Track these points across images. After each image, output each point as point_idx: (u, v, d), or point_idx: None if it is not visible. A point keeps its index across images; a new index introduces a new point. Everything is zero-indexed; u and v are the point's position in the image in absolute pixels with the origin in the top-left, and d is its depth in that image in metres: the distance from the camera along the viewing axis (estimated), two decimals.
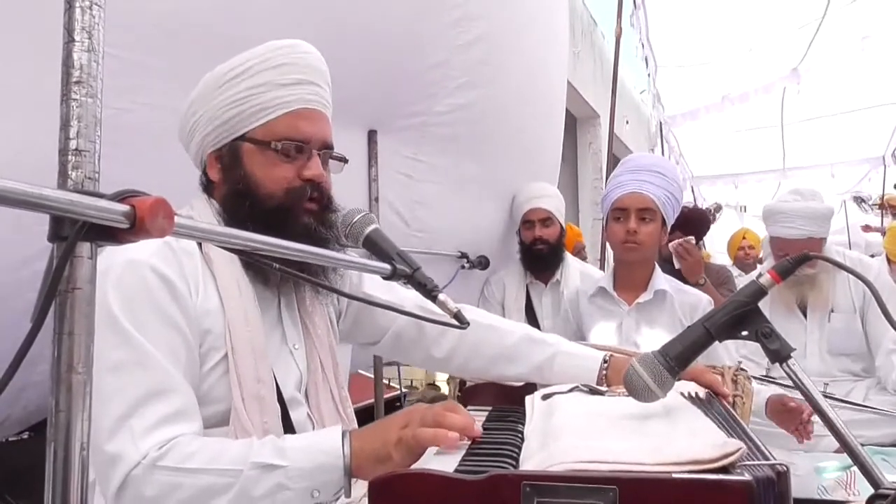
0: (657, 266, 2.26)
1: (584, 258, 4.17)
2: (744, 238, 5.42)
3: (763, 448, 0.89)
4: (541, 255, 3.19)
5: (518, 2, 3.07)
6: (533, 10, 3.22)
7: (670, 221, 2.21)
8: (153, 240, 1.05)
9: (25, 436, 2.13)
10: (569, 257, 3.32)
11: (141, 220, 0.66)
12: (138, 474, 0.98)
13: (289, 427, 1.19)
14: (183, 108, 1.26)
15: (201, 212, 1.23)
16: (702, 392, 1.22)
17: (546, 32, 3.41)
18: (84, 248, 0.67)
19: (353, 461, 1.01)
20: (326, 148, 1.26)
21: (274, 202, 1.20)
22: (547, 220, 3.20)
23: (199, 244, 1.17)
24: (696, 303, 2.18)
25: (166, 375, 1.04)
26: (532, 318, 3.19)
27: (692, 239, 3.29)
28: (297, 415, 1.22)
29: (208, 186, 1.27)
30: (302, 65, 1.23)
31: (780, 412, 2.11)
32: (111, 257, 1.06)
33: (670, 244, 3.15)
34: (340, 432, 1.04)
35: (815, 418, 2.26)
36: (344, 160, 1.30)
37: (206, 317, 1.13)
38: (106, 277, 1.03)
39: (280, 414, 1.17)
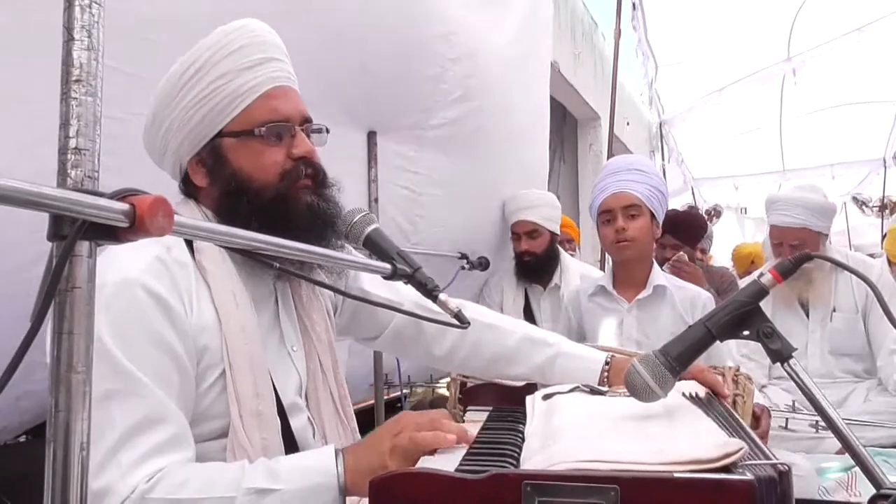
0: (655, 263, 2.27)
1: (569, 253, 4.12)
2: (752, 262, 5.16)
3: (764, 448, 0.88)
4: (529, 266, 3.19)
5: (501, 19, 3.10)
6: (518, 22, 3.24)
7: (660, 215, 2.23)
8: (144, 255, 1.04)
9: (23, 439, 2.13)
10: (567, 260, 3.31)
11: (140, 218, 0.66)
12: None
13: (289, 437, 1.16)
14: (145, 124, 1.19)
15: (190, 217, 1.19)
16: (702, 392, 1.22)
17: (532, 43, 3.46)
18: (83, 246, 0.67)
19: (347, 478, 0.99)
20: (307, 122, 1.22)
21: (271, 191, 1.16)
22: (533, 231, 3.17)
23: (192, 253, 1.13)
24: (696, 297, 2.20)
25: (157, 403, 1.00)
26: (531, 322, 3.17)
27: (683, 255, 3.31)
28: (296, 422, 1.20)
29: (192, 193, 1.22)
30: (259, 43, 1.17)
31: None
32: (102, 275, 1.01)
33: (665, 265, 3.17)
34: (334, 451, 1.02)
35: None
36: (325, 130, 1.26)
37: (203, 333, 1.09)
38: (97, 298, 1.00)
39: (280, 427, 1.15)
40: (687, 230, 3.55)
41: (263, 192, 1.16)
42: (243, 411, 1.09)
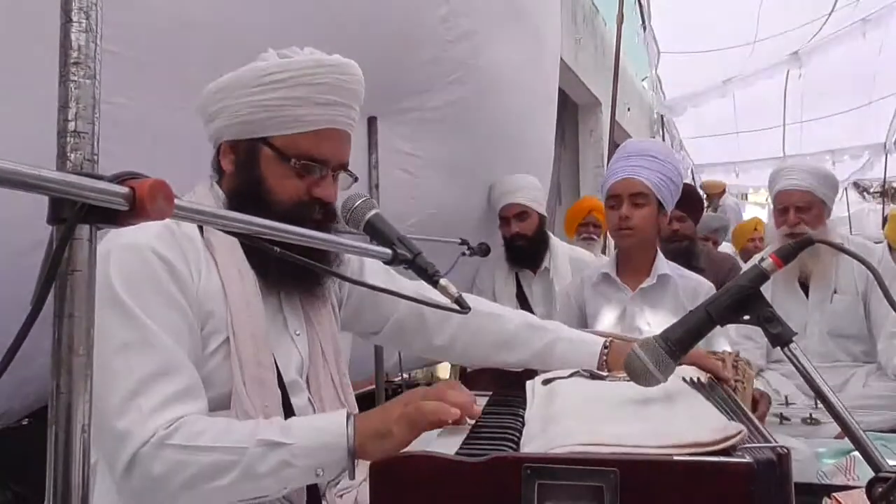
0: (659, 251, 2.26)
1: (593, 237, 4.09)
2: (755, 229, 5.06)
3: (764, 432, 0.89)
4: (521, 250, 3.18)
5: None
6: (521, 3, 3.21)
7: (668, 205, 2.20)
8: (154, 224, 1.06)
9: (25, 422, 2.14)
10: (556, 243, 3.30)
11: (140, 202, 0.65)
12: (147, 452, 0.99)
13: (289, 412, 1.19)
14: (209, 88, 1.24)
15: (202, 198, 1.23)
16: (703, 377, 1.22)
17: (537, 25, 3.42)
18: (83, 230, 0.67)
19: (356, 440, 1.03)
20: (341, 167, 1.27)
21: (281, 210, 1.20)
22: (522, 213, 3.15)
23: (201, 230, 1.18)
24: (698, 287, 2.19)
25: (172, 354, 1.05)
26: (524, 307, 3.17)
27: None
28: (297, 400, 1.23)
29: (217, 170, 1.27)
30: (340, 87, 1.22)
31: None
32: (112, 241, 1.07)
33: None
34: (345, 414, 1.07)
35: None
36: (354, 178, 1.31)
37: (208, 299, 1.14)
38: (107, 261, 1.04)
39: (281, 398, 1.18)
40: (689, 201, 3.57)
41: (275, 206, 1.21)
42: (246, 377, 1.13)
